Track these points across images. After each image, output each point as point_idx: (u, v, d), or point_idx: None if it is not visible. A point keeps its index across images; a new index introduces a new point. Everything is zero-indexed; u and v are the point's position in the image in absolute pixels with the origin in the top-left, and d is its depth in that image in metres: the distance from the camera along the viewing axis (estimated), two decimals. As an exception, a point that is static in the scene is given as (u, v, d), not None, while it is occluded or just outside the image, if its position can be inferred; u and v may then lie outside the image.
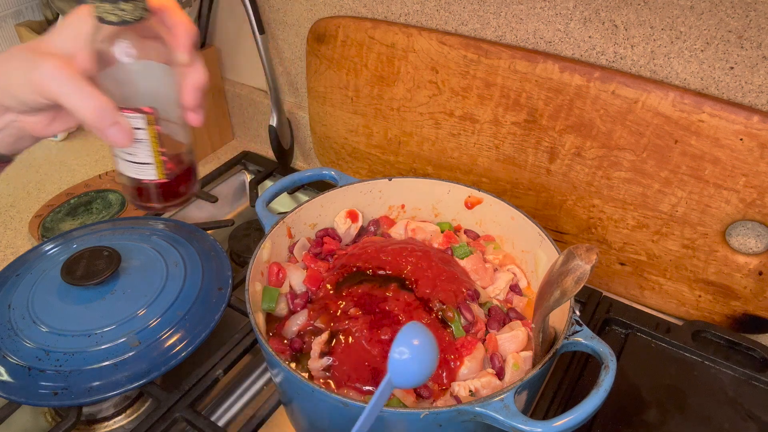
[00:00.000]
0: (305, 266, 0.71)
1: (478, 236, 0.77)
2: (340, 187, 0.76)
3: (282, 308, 0.68)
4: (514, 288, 0.70)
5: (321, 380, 0.60)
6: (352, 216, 0.77)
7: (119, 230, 0.85)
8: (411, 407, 0.57)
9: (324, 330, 0.63)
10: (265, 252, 0.68)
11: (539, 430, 0.49)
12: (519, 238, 0.73)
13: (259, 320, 0.62)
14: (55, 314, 0.71)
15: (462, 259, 0.71)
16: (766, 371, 0.69)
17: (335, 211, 0.77)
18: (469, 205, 0.77)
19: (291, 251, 0.73)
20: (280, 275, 0.69)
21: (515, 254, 0.74)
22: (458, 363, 0.60)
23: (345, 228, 0.76)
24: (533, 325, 0.59)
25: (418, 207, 0.80)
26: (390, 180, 0.77)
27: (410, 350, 0.46)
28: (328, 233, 0.76)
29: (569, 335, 0.57)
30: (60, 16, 1.06)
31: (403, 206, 0.79)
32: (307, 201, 0.75)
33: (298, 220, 0.74)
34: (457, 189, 0.76)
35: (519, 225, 0.72)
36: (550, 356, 0.55)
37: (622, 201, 0.75)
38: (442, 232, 0.77)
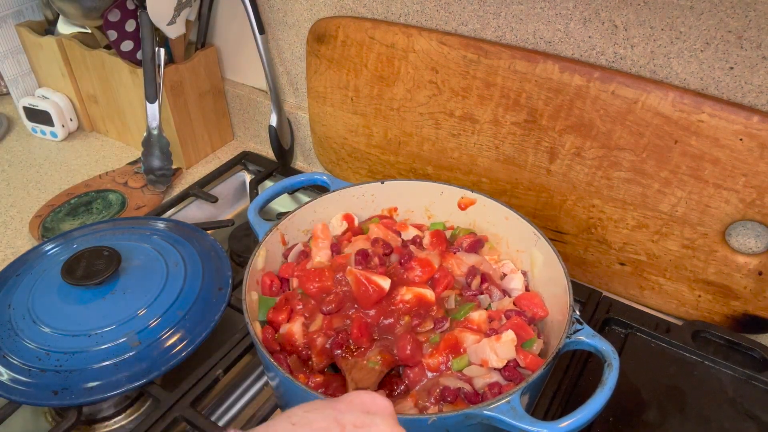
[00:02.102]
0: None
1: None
2: (333, 191, 0.76)
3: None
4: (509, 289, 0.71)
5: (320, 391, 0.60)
6: (348, 219, 0.77)
7: (119, 230, 0.85)
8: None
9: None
10: (259, 260, 0.68)
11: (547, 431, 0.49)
12: (514, 237, 0.73)
13: (257, 329, 0.62)
14: (55, 314, 0.71)
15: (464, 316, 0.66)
16: (766, 371, 0.69)
17: (328, 216, 0.77)
18: (463, 206, 0.77)
19: (285, 257, 0.73)
20: (273, 288, 0.69)
21: (510, 254, 0.74)
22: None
23: (341, 230, 0.76)
24: None
25: (411, 209, 0.80)
26: (382, 183, 0.77)
27: None
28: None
29: (571, 334, 0.57)
30: (60, 16, 1.06)
31: (396, 209, 0.79)
32: (300, 207, 0.74)
33: (291, 227, 0.74)
34: (450, 190, 0.76)
35: (513, 225, 0.72)
36: (554, 356, 0.55)
37: (622, 201, 0.75)
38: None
